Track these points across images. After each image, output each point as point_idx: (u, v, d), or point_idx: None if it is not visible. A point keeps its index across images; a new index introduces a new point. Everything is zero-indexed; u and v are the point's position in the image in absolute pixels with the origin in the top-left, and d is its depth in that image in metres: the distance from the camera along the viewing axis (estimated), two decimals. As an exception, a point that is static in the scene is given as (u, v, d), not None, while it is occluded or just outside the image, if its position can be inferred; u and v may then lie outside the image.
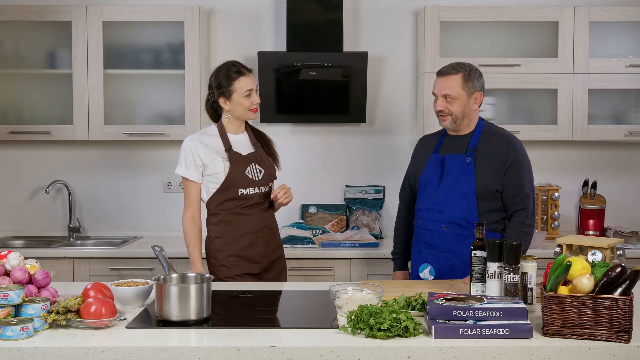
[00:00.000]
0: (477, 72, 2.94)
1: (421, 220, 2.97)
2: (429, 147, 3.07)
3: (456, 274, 2.88)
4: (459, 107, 2.90)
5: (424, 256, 2.95)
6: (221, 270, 2.96)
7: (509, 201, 2.87)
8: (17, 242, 4.10)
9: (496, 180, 2.86)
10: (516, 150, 2.89)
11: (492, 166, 2.87)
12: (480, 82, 2.94)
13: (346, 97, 4.10)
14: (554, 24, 3.99)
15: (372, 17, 4.28)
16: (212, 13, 4.28)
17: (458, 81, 2.89)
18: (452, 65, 2.95)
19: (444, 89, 2.90)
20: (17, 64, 4.14)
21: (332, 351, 1.96)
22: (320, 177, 4.33)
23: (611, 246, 2.44)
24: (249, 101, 2.95)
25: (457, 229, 2.89)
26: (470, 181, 2.87)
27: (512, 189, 2.85)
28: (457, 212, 2.88)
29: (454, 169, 2.91)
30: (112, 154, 4.32)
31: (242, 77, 2.94)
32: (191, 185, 2.97)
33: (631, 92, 4.11)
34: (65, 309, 2.13)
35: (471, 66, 2.94)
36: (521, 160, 2.89)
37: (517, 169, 2.86)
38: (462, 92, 2.89)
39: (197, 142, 2.97)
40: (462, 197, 2.87)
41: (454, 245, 2.89)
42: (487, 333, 2.00)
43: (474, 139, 2.94)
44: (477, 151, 2.90)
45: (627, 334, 1.97)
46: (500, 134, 2.96)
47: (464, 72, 2.90)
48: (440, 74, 2.94)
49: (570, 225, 4.28)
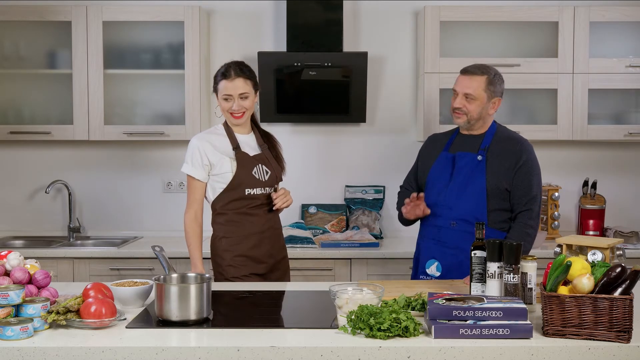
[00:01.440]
0: (501, 78, 3.00)
1: (429, 216, 2.99)
2: (439, 144, 3.09)
3: (463, 271, 2.88)
4: (477, 107, 2.94)
5: (432, 252, 2.97)
6: (228, 270, 2.95)
7: (516, 201, 2.90)
8: (17, 242, 4.10)
9: (507, 179, 2.90)
10: (528, 153, 2.94)
11: (504, 166, 2.91)
12: (501, 87, 2.99)
13: (346, 97, 4.10)
14: (554, 24, 3.99)
15: (372, 17, 4.28)
16: (212, 13, 4.28)
17: (482, 82, 2.93)
18: (479, 66, 2.99)
19: (467, 88, 2.93)
20: (17, 64, 4.14)
21: (332, 351, 1.96)
22: (320, 177, 4.33)
23: (611, 246, 2.44)
24: (227, 105, 2.95)
25: (466, 225, 2.91)
26: (482, 179, 2.90)
27: (520, 189, 2.89)
28: (467, 209, 2.90)
29: (466, 167, 2.94)
30: (112, 154, 4.32)
31: (224, 81, 2.93)
32: (196, 184, 2.97)
33: (631, 92, 4.11)
34: (65, 309, 2.13)
35: (496, 71, 3.00)
36: (532, 162, 2.93)
37: (528, 170, 2.91)
38: (484, 94, 2.93)
39: (205, 141, 2.97)
40: (472, 194, 2.90)
41: (461, 242, 2.90)
42: (487, 333, 2.00)
43: (487, 139, 2.98)
44: (489, 151, 2.94)
45: (627, 334, 1.97)
46: (513, 137, 3.01)
47: (489, 74, 2.95)
48: (465, 72, 2.97)
49: (570, 225, 4.28)
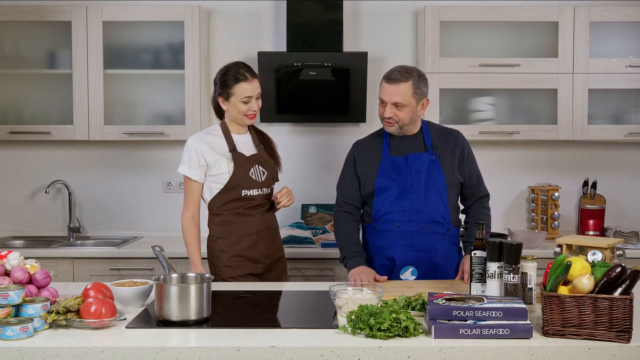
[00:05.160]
0: (424, 77, 2.93)
1: (395, 222, 2.90)
2: (374, 150, 2.99)
3: (438, 273, 2.88)
4: (407, 114, 2.87)
5: (406, 258, 2.90)
6: (224, 271, 2.96)
7: (473, 190, 3.01)
8: (17, 242, 4.10)
9: (460, 172, 2.96)
10: (467, 142, 3.03)
11: (454, 160, 2.95)
12: (427, 87, 2.93)
13: (346, 97, 4.10)
14: (554, 24, 3.99)
15: (372, 17, 4.28)
16: (212, 13, 4.28)
17: (409, 88, 2.84)
18: (401, 71, 2.88)
19: (394, 97, 2.84)
20: (17, 64, 4.14)
21: (332, 351, 1.96)
22: (320, 177, 4.33)
23: (611, 246, 2.45)
24: (246, 107, 2.94)
25: (437, 227, 2.91)
26: (441, 177, 2.91)
27: (473, 178, 3.00)
28: (436, 210, 2.90)
29: (423, 168, 2.91)
30: (112, 154, 4.32)
31: (243, 83, 2.92)
32: (193, 184, 2.97)
33: (631, 92, 4.11)
34: (65, 309, 2.13)
35: (419, 71, 2.91)
36: (470, 150, 3.03)
37: (473, 159, 3.02)
38: (412, 99, 2.86)
39: (202, 142, 2.96)
40: (437, 194, 2.90)
41: (435, 244, 2.90)
42: (487, 333, 2.00)
43: (427, 137, 2.97)
44: (435, 148, 2.95)
45: (627, 334, 1.97)
46: (447, 130, 3.06)
47: (413, 79, 2.86)
48: (389, 81, 2.87)
49: (570, 225, 4.28)
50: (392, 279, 2.91)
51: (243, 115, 2.95)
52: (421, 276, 2.90)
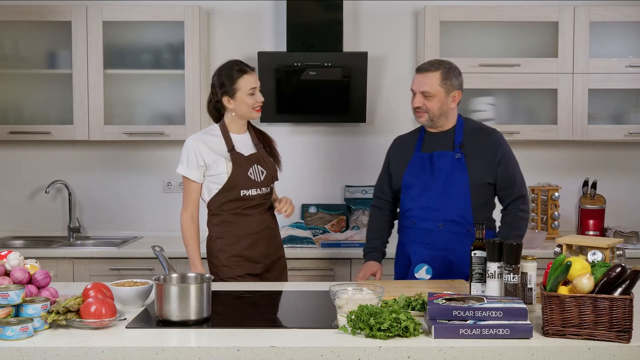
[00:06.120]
0: (457, 70, 2.94)
1: (414, 220, 2.94)
2: (409, 146, 3.04)
3: (453, 273, 2.87)
4: (436, 104, 2.90)
5: (421, 256, 2.93)
6: (223, 271, 2.96)
7: (507, 192, 2.93)
8: (17, 242, 4.10)
9: (489, 173, 2.90)
10: (503, 142, 2.96)
11: (483, 160, 2.90)
12: (459, 80, 2.94)
13: (346, 97, 4.10)
14: (554, 24, 3.99)
15: (372, 17, 4.28)
16: (212, 13, 4.28)
17: (436, 78, 2.89)
18: (432, 62, 2.95)
19: (422, 86, 2.89)
20: (17, 64, 4.14)
21: (332, 351, 1.96)
22: (320, 177, 4.33)
23: (611, 246, 2.44)
24: (253, 99, 2.95)
25: (454, 226, 2.89)
26: (464, 177, 2.88)
27: (506, 180, 2.92)
28: (454, 210, 2.89)
29: (446, 166, 2.91)
30: (112, 154, 4.32)
31: (245, 75, 2.94)
32: (191, 185, 2.97)
33: (631, 92, 4.11)
34: (65, 309, 2.13)
35: (450, 64, 2.95)
36: (508, 150, 2.97)
37: (507, 159, 2.94)
38: (440, 89, 2.89)
39: (200, 142, 2.96)
40: (457, 193, 2.88)
41: (451, 243, 2.89)
42: (487, 333, 2.00)
43: (458, 134, 2.95)
44: (464, 147, 2.92)
45: (627, 334, 1.97)
46: (484, 128, 3.01)
47: (442, 69, 2.90)
48: (419, 71, 2.94)
49: (570, 225, 4.28)
50: (408, 276, 2.95)
51: (251, 108, 2.96)
52: (436, 275, 2.90)
